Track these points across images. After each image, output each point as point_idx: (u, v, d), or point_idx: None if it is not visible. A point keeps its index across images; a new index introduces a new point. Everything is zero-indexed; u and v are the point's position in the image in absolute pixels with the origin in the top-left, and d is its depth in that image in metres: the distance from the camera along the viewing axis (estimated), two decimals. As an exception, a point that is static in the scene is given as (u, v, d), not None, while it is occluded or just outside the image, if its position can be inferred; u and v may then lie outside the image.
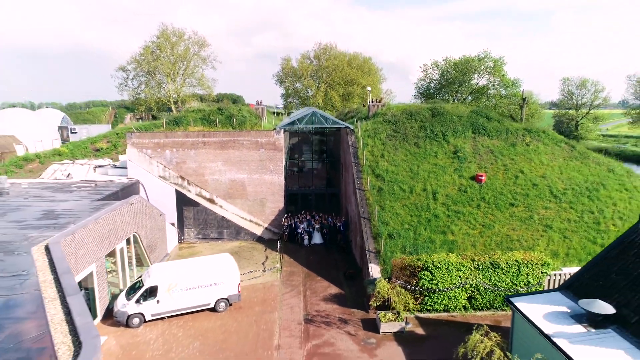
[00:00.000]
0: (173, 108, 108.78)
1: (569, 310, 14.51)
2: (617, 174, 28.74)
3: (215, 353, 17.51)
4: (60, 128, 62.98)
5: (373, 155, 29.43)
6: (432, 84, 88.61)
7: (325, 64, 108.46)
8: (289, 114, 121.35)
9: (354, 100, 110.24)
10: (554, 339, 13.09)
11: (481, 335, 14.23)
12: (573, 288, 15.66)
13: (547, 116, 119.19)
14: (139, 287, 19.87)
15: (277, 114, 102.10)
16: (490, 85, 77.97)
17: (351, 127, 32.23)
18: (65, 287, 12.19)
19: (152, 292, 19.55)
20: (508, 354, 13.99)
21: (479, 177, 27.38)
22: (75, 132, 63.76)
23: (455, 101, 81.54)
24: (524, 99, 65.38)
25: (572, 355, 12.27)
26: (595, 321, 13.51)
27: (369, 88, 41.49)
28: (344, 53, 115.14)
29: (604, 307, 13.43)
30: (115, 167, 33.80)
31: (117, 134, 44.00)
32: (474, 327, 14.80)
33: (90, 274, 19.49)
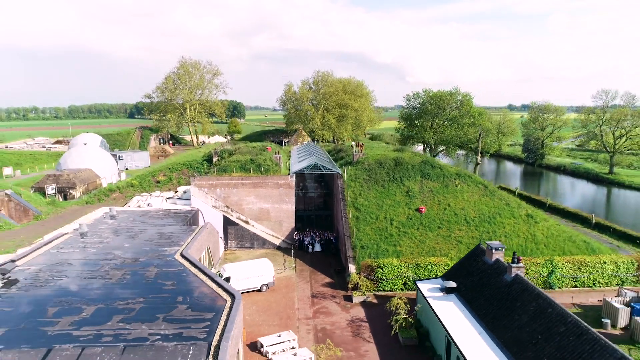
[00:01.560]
0: (190, 130, 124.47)
1: (439, 286, 30.17)
2: (511, 206, 44.45)
3: (264, 311, 33.08)
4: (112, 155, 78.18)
5: (354, 193, 45.09)
6: (413, 112, 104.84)
7: (323, 90, 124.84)
8: (289, 131, 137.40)
9: (348, 121, 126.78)
10: (427, 298, 28.74)
11: (398, 299, 29.89)
12: (446, 276, 31.38)
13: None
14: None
15: (280, 137, 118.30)
16: (459, 116, 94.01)
17: (340, 172, 47.88)
18: (210, 275, 27.73)
19: (228, 280, 35.10)
20: (408, 306, 29.57)
21: (421, 209, 43.06)
22: (122, 159, 79.07)
23: (432, 128, 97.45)
24: (480, 134, 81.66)
25: (432, 305, 27.90)
26: (447, 290, 29.16)
27: (353, 143, 56.75)
28: (339, 80, 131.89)
29: (451, 284, 29.13)
30: (181, 198, 49.32)
31: (169, 168, 59.58)
32: (397, 296, 30.41)
33: (192, 270, 34.96)
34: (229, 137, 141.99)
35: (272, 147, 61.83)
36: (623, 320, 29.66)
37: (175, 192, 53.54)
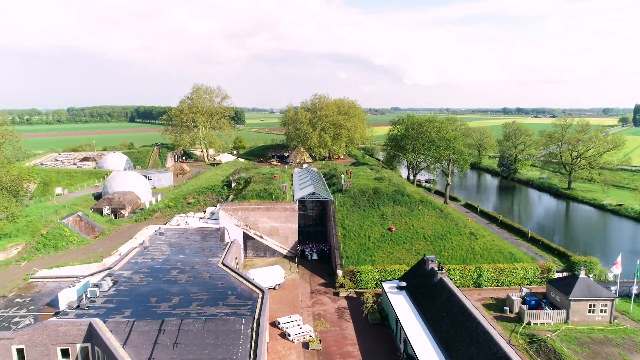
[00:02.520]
0: (202, 147, 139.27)
1: (396, 285, 45.22)
2: (459, 226, 59.54)
3: (278, 302, 48.02)
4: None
5: (342, 216, 60.14)
6: (398, 135, 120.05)
7: (319, 113, 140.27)
8: (287, 145, 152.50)
9: (342, 139, 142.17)
10: (387, 293, 43.81)
11: (368, 294, 44.95)
12: (401, 278, 46.47)
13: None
14: (246, 279, 50.31)
15: (282, 152, 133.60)
16: (437, 139, 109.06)
17: (332, 198, 62.90)
18: (245, 277, 42.66)
19: (252, 281, 50.01)
20: (374, 298, 44.57)
21: (391, 229, 58.10)
22: (150, 179, 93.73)
23: (413, 150, 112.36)
24: (449, 159, 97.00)
25: (389, 298, 42.96)
26: (400, 288, 44.23)
27: (342, 175, 71.67)
28: (334, 101, 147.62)
29: (403, 284, 44.25)
30: (211, 218, 64.24)
31: (196, 192, 74.39)
32: (368, 292, 45.42)
33: (227, 274, 49.92)
34: (234, 152, 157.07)
35: (278, 174, 76.76)
36: (516, 307, 44.77)
37: (204, 212, 68.42)
